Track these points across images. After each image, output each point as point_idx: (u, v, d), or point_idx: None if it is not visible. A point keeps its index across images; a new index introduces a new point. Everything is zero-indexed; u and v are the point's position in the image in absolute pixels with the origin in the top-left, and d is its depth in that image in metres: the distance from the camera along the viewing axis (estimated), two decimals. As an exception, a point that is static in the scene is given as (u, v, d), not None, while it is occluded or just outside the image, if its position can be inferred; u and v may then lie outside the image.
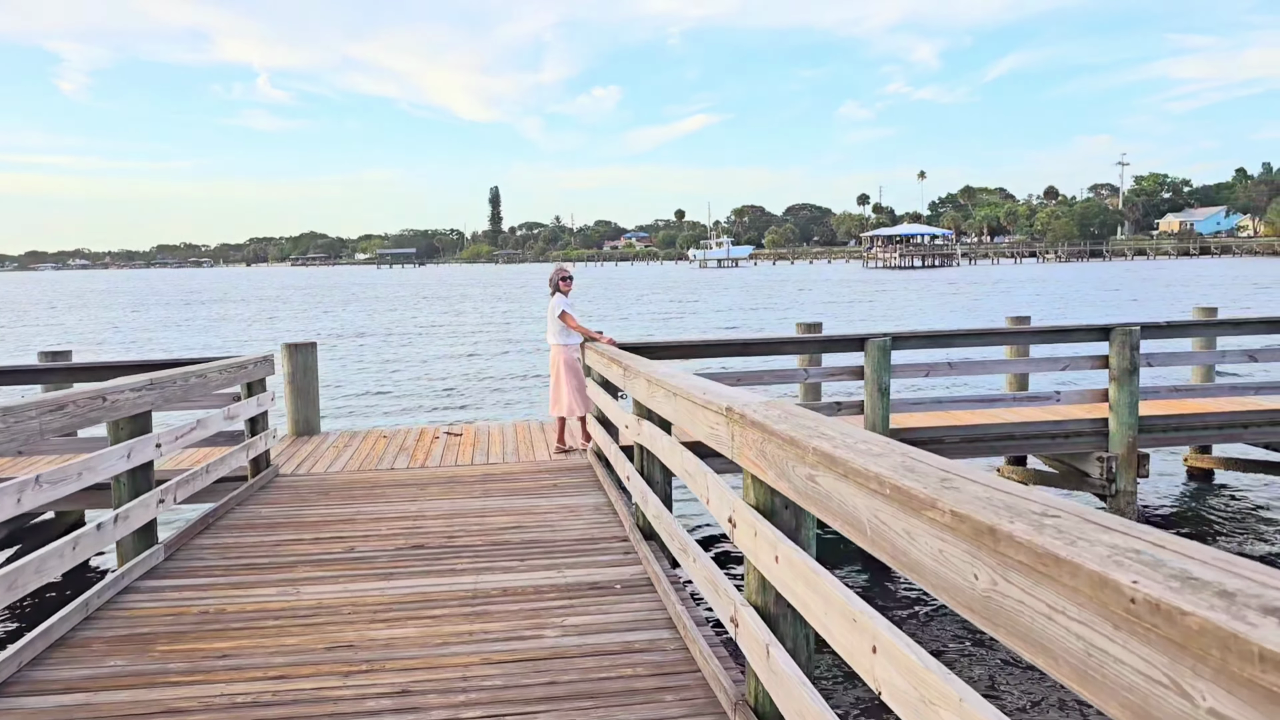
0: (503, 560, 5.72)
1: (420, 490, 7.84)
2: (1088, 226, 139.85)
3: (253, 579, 5.45)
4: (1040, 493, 1.68)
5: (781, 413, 3.00)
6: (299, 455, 9.56)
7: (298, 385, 10.65)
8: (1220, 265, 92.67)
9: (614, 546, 5.96)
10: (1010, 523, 1.50)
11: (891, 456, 2.12)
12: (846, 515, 2.19)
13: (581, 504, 7.20)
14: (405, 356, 28.51)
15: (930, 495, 1.73)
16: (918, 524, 1.78)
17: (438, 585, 5.23)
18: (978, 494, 1.70)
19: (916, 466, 1.99)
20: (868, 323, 36.52)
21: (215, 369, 7.08)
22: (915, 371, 9.55)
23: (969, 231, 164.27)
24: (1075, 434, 9.72)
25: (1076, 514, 1.51)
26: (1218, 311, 11.66)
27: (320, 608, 4.89)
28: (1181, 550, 1.28)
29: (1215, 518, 10.24)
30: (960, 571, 1.62)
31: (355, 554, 5.93)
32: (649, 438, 5.51)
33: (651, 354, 9.16)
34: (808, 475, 2.47)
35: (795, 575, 2.62)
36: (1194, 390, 10.31)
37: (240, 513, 7.19)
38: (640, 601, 4.88)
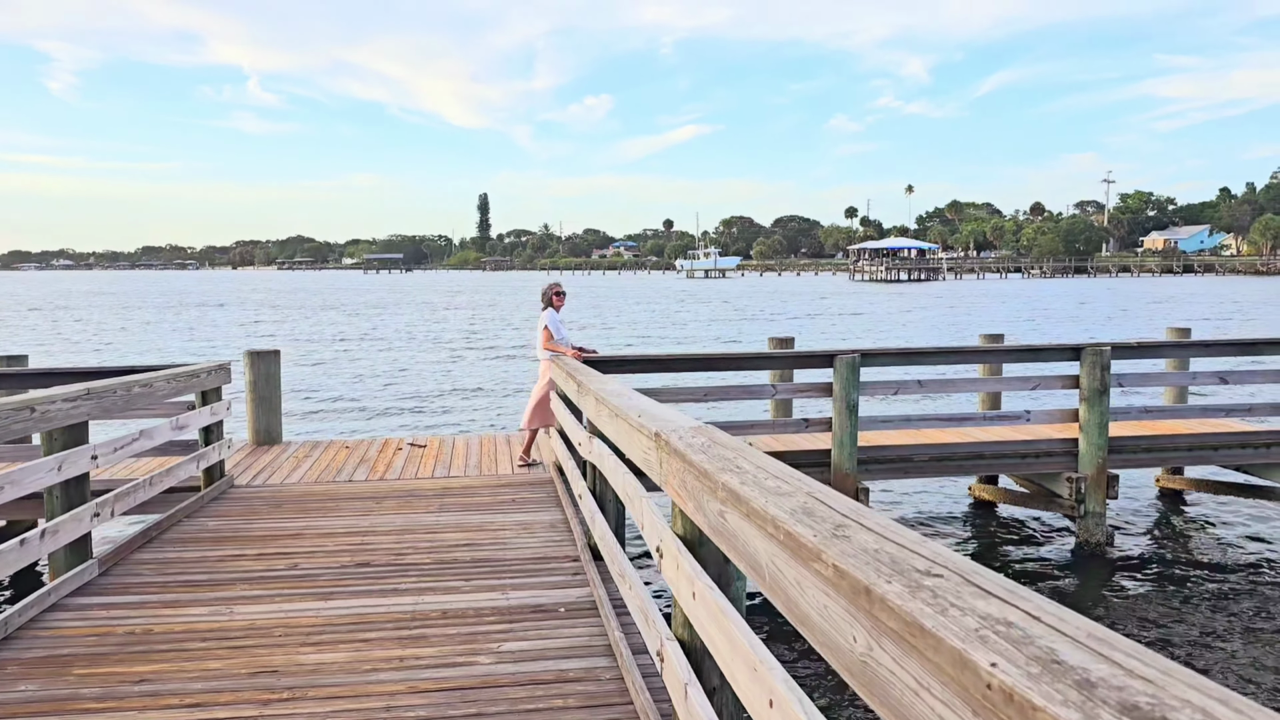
0: (448, 580, 5.57)
1: (376, 504, 7.68)
2: (1073, 243, 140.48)
3: (187, 597, 5.29)
4: (936, 546, 1.56)
5: (706, 441, 2.87)
6: (257, 465, 9.38)
7: (260, 394, 10.47)
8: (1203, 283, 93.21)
9: (564, 567, 5.82)
10: (887, 582, 1.37)
11: (795, 497, 1.99)
12: (749, 558, 2.06)
13: (537, 521, 7.05)
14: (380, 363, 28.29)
15: (817, 545, 1.60)
16: (806, 575, 1.65)
17: (376, 606, 5.07)
18: (866, 545, 1.57)
19: (816, 510, 1.86)
20: (849, 337, 36.49)
21: (163, 378, 6.91)
22: (884, 389, 9.44)
23: (955, 246, 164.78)
24: (1045, 454, 9.63)
25: (961, 574, 1.39)
26: (1191, 332, 11.60)
27: (251, 629, 4.73)
28: (1057, 624, 1.16)
29: (1182, 541, 10.15)
30: (841, 631, 1.49)
31: (297, 571, 5.77)
32: (598, 456, 5.37)
33: (613, 368, 9.03)
34: (719, 511, 2.34)
35: (708, 615, 2.49)
36: (1164, 411, 10.24)
37: (187, 526, 7.02)
38: (583, 627, 4.74)
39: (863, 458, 9.16)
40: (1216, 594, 8.51)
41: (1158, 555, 9.68)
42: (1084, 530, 9.49)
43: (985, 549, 10.06)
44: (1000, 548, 10.08)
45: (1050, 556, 9.67)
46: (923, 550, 1.52)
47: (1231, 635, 7.57)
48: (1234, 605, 8.24)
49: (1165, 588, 8.71)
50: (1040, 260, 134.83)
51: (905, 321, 44.94)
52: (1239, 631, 7.65)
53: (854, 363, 8.99)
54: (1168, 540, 10.20)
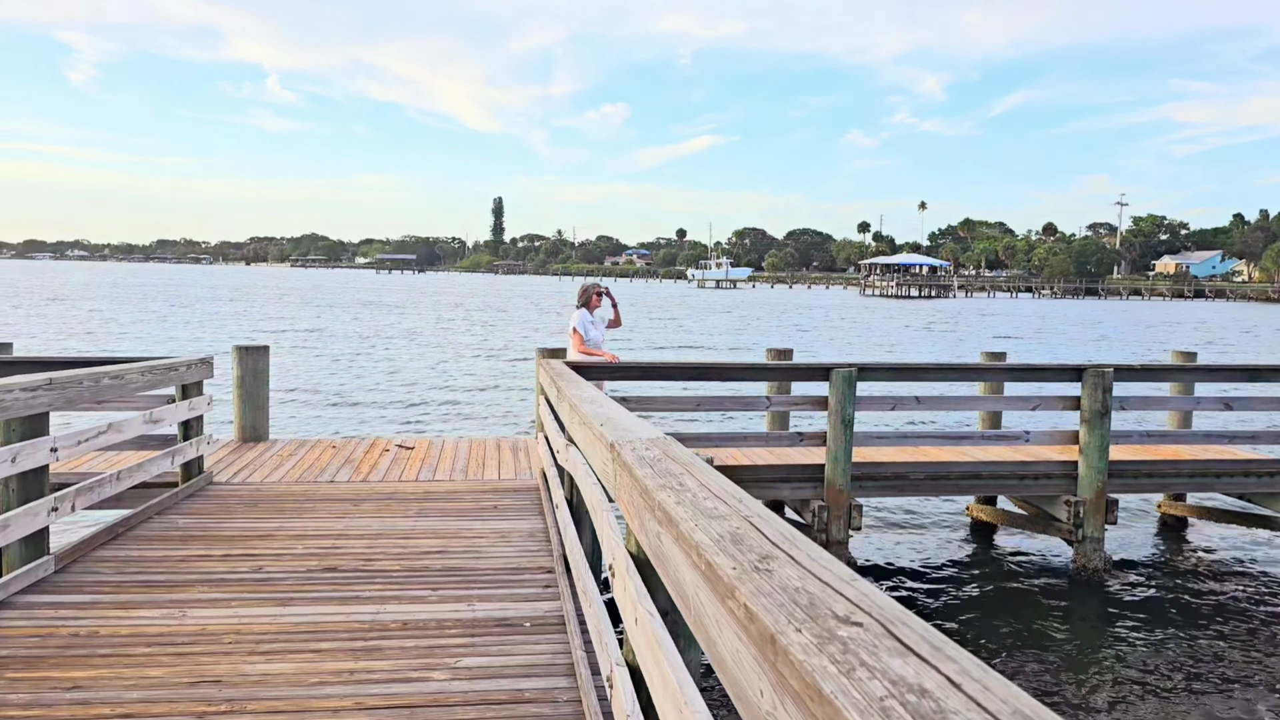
0: (415, 588, 5.38)
1: (353, 506, 7.49)
2: (1084, 264, 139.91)
3: (141, 598, 5.10)
4: (865, 586, 1.36)
5: (659, 454, 2.68)
6: (240, 463, 9.21)
7: (247, 389, 10.31)
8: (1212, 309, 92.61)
9: (536, 579, 5.62)
10: (796, 631, 1.18)
11: (729, 521, 1.80)
12: (678, 586, 1.87)
13: (517, 529, 6.86)
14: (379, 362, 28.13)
15: (732, 581, 1.40)
16: (723, 613, 1.46)
17: (335, 615, 4.88)
18: (788, 582, 1.38)
19: (746, 537, 1.67)
20: (856, 350, 36.24)
21: (135, 370, 6.74)
22: (881, 405, 9.23)
23: (967, 264, 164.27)
24: (1044, 476, 9.41)
25: (884, 622, 1.19)
26: (1196, 356, 11.36)
27: (201, 635, 4.54)
28: (979, 694, 0.96)
29: (1180, 570, 9.91)
30: (751, 683, 1.30)
31: (260, 575, 5.58)
32: (573, 465, 5.18)
33: (602, 374, 8.84)
34: (656, 532, 2.15)
35: (646, 644, 2.29)
36: (1167, 436, 10.01)
37: (157, 523, 6.84)
38: (547, 643, 4.54)
39: (857, 474, 8.95)
40: (1213, 626, 8.26)
41: (1155, 584, 9.43)
42: (1081, 555, 9.26)
43: (979, 572, 9.83)
44: (994, 571, 9.85)
45: (1045, 582, 9.43)
46: (848, 591, 1.33)
47: (1227, 670, 7.33)
48: (1231, 639, 7.99)
49: (1160, 618, 8.46)
50: (1051, 280, 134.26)
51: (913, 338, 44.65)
52: (1234, 666, 7.41)
53: (851, 377, 8.79)
54: (1166, 569, 9.95)
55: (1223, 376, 10.26)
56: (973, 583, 9.48)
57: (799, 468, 9.06)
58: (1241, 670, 7.34)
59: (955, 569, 9.82)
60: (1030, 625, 8.22)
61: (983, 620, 8.40)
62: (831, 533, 8.81)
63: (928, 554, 10.22)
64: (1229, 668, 7.38)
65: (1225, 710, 6.63)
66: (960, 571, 9.76)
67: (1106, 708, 6.65)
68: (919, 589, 9.20)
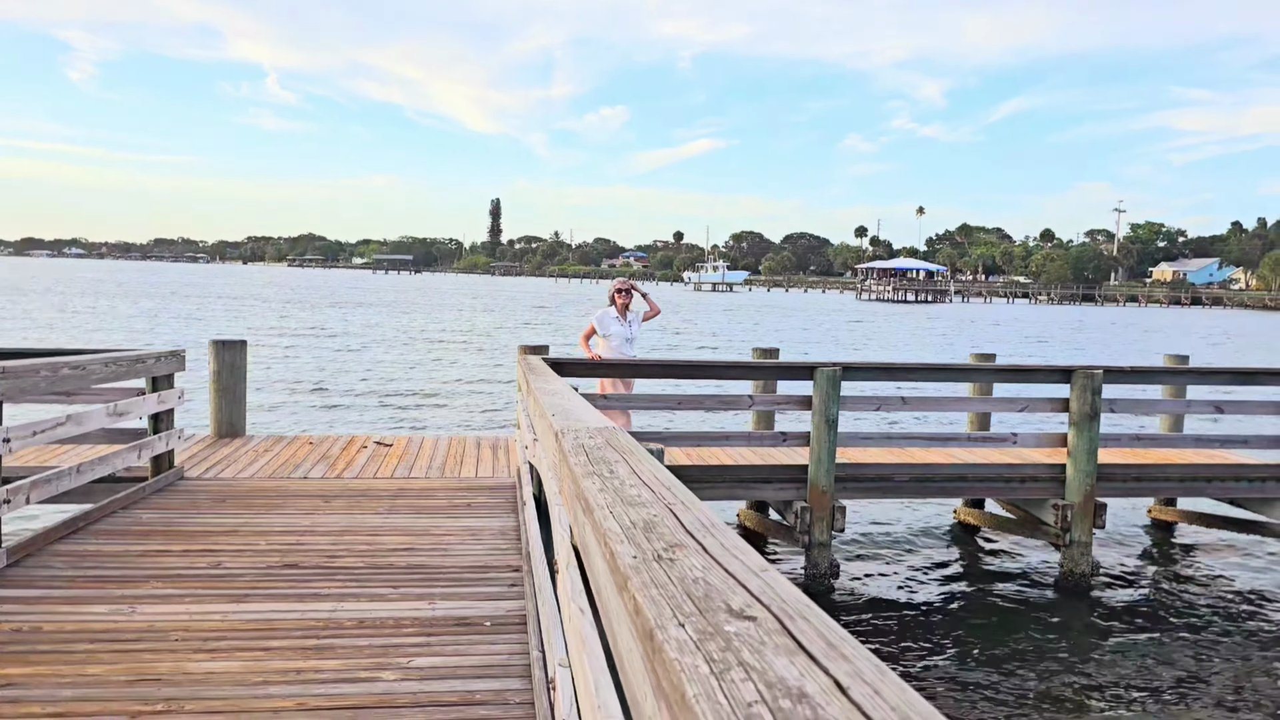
0: (376, 586, 5.22)
1: (324, 503, 7.33)
2: (1082, 270, 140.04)
3: (92, 593, 4.94)
4: (773, 577, 1.21)
5: (601, 442, 2.52)
6: (213, 458, 9.04)
7: (223, 384, 10.14)
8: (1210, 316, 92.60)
9: (502, 577, 5.46)
10: (679, 626, 1.02)
11: (649, 509, 1.65)
12: (596, 580, 1.71)
13: (488, 527, 6.70)
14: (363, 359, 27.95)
15: (627, 571, 1.25)
16: (620, 608, 1.30)
17: (290, 612, 4.72)
18: (688, 572, 1.22)
19: (660, 525, 1.51)
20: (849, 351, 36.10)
21: (98, 361, 6.57)
22: (866, 405, 9.09)
23: (964, 269, 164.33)
24: (1031, 479, 9.26)
25: (781, 616, 1.04)
26: (1189, 359, 11.22)
27: (148, 631, 4.38)
28: (865, 700, 0.81)
29: (1169, 575, 9.77)
30: (640, 686, 1.14)
31: (218, 571, 5.42)
32: (538, 458, 5.03)
33: (579, 371, 8.70)
34: (582, 522, 1.99)
35: (575, 642, 2.14)
36: (1157, 439, 9.86)
37: (121, 517, 6.67)
38: (505, 643, 4.38)
39: (841, 475, 8.79)
40: (1200, 633, 8.12)
41: (1142, 589, 9.29)
42: (1069, 560, 9.10)
43: (965, 576, 9.68)
44: (980, 576, 9.70)
45: (1032, 587, 9.28)
46: (752, 583, 1.17)
47: (1212, 677, 7.18)
48: (1217, 645, 7.85)
49: (1146, 624, 8.32)
50: (1048, 286, 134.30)
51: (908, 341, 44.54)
52: (1220, 673, 7.26)
53: (835, 376, 8.63)
54: (1154, 574, 9.81)
55: (1214, 379, 10.12)
56: (958, 587, 9.33)
57: (782, 468, 8.90)
58: (1228, 679, 7.19)
59: (941, 573, 9.67)
60: (1015, 631, 8.07)
61: (967, 626, 8.25)
62: (814, 534, 8.65)
63: (914, 557, 10.07)
64: (1216, 676, 7.24)
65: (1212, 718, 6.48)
66: (946, 575, 9.61)
67: (1091, 716, 6.50)
68: (903, 593, 9.05)
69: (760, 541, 10.28)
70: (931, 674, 7.14)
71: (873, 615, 8.42)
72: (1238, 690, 6.96)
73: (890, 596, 8.93)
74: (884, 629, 8.10)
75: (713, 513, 1.61)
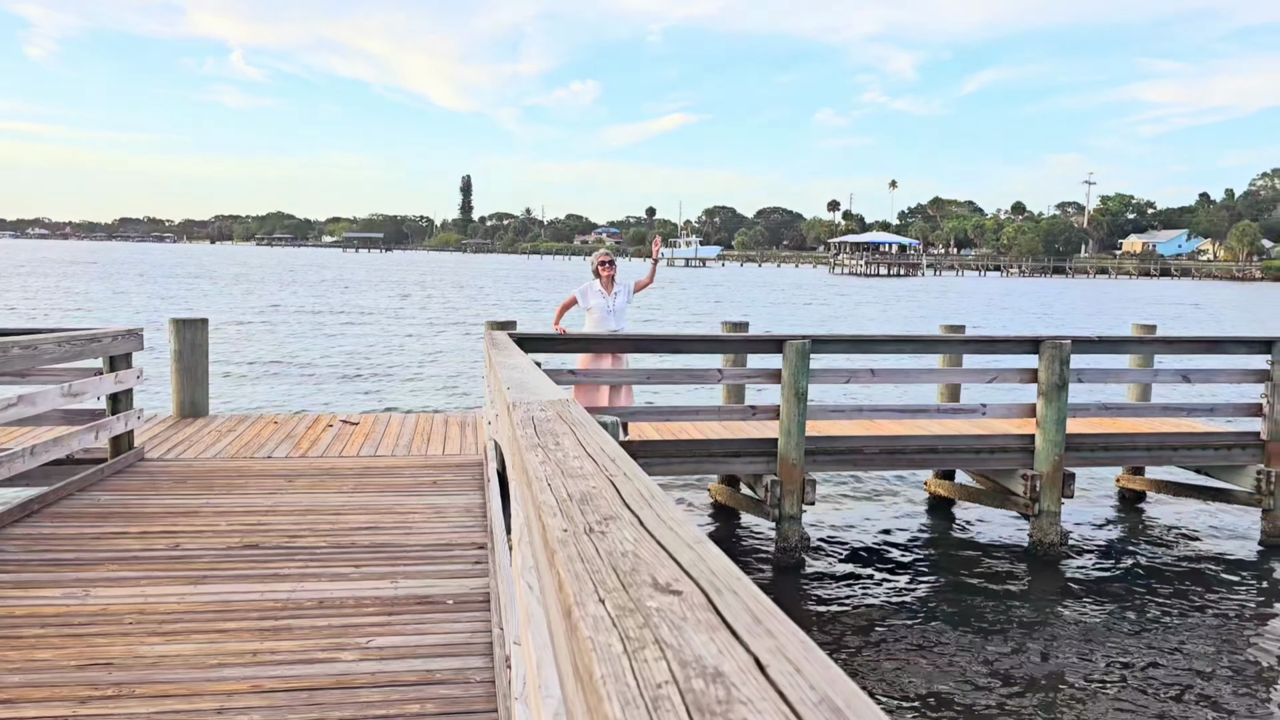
0: (337, 566, 5.13)
1: (287, 483, 7.22)
2: (1053, 243, 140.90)
3: (46, 577, 4.83)
4: (707, 549, 1.14)
5: (552, 415, 2.45)
6: (175, 439, 8.89)
7: (185, 364, 9.97)
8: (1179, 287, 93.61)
9: (466, 555, 5.40)
10: (598, 602, 0.96)
11: (589, 481, 1.58)
12: (535, 554, 1.65)
13: (453, 504, 6.62)
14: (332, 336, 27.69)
15: (555, 544, 1.18)
16: (549, 583, 1.24)
17: (248, 593, 4.63)
18: (617, 545, 1.16)
19: (598, 497, 1.45)
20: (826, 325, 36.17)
21: (50, 340, 6.42)
22: (836, 378, 9.06)
23: (936, 242, 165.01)
24: (1000, 450, 9.28)
25: (708, 590, 0.97)
26: (1156, 329, 11.28)
27: (101, 615, 4.28)
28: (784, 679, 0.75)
29: (1136, 543, 9.85)
30: (564, 662, 1.08)
31: (177, 552, 5.32)
32: (500, 434, 4.95)
33: (543, 346, 8.62)
34: (526, 496, 1.92)
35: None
36: (1125, 409, 9.92)
37: (79, 499, 6.54)
38: (468, 621, 4.32)
39: (811, 448, 8.77)
40: (1167, 601, 8.19)
41: (1111, 558, 9.36)
42: (1038, 530, 9.15)
43: (937, 547, 9.72)
44: (950, 546, 9.74)
45: (1002, 556, 9.33)
46: (683, 556, 1.11)
47: (1177, 643, 7.25)
48: (1184, 613, 7.92)
49: (1114, 592, 8.38)
50: (1020, 259, 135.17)
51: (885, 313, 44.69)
52: (1185, 639, 7.33)
53: (804, 349, 8.59)
54: (1122, 543, 9.89)
55: (1181, 348, 10.17)
56: (929, 558, 9.37)
57: (752, 441, 8.88)
58: (1195, 645, 7.26)
59: (912, 543, 9.70)
60: (986, 601, 8.10)
61: (937, 596, 8.28)
62: (785, 507, 8.64)
63: (885, 529, 10.09)
64: (1182, 641, 7.30)
65: (1178, 685, 6.54)
66: (917, 546, 9.65)
67: (1058, 684, 6.54)
68: (874, 566, 9.07)
69: (732, 515, 10.28)
70: (901, 645, 7.16)
71: (843, 587, 8.43)
72: (1204, 655, 7.02)
73: (861, 568, 8.94)
74: (854, 601, 8.11)
75: (655, 485, 1.54)
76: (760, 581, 8.50)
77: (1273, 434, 9.44)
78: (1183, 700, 6.30)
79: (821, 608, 7.92)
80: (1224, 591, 8.43)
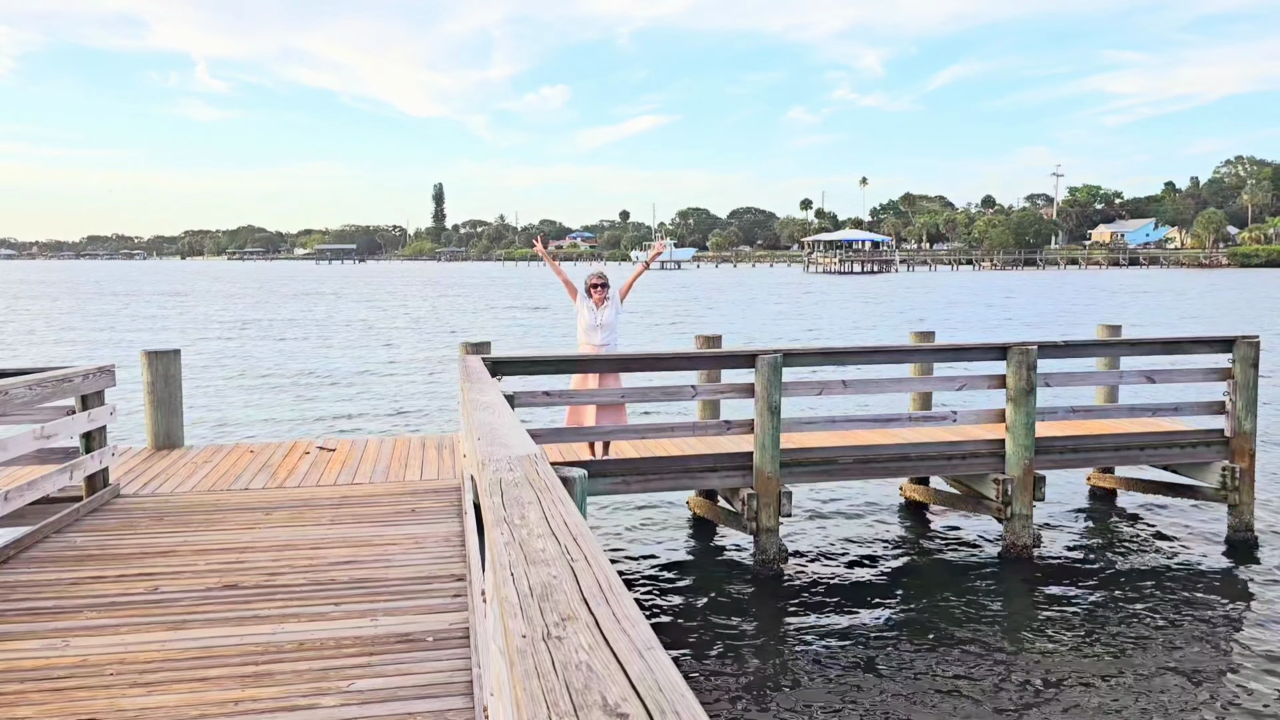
0: (317, 604, 5.17)
1: (265, 515, 7.24)
2: (1023, 235, 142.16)
3: (23, 628, 4.84)
4: (657, 660, 1.21)
5: (520, 476, 2.52)
6: (151, 472, 8.88)
7: (158, 395, 9.95)
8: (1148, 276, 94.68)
9: (446, 588, 5.45)
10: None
11: (550, 568, 1.65)
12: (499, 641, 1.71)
13: (433, 533, 6.67)
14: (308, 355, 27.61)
15: (513, 654, 1.25)
16: (509, 689, 1.30)
17: (229, 637, 4.66)
18: (572, 655, 1.23)
19: (557, 591, 1.51)
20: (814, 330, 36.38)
21: (21, 384, 6.41)
22: (808, 390, 9.16)
23: (909, 238, 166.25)
24: (972, 455, 9.43)
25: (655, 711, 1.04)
26: (1121, 330, 11.47)
27: (81, 666, 4.31)
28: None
29: (1108, 542, 10.01)
30: None
31: (155, 596, 5.34)
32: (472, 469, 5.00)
33: (516, 369, 8.67)
34: (488, 577, 1.98)
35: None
36: (1092, 411, 10.09)
37: (53, 542, 6.54)
38: (449, 659, 4.37)
39: (786, 460, 8.88)
40: (1137, 598, 8.34)
41: (1083, 558, 9.52)
42: (1011, 533, 9.30)
43: (912, 552, 9.85)
44: (926, 551, 9.87)
45: (976, 560, 9.47)
46: (633, 668, 1.18)
47: (1150, 639, 7.39)
48: (1155, 609, 8.07)
49: (1086, 592, 8.53)
50: (991, 253, 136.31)
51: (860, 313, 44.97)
52: (1158, 635, 7.48)
53: (776, 363, 8.70)
54: (1094, 542, 10.05)
55: (1145, 350, 10.35)
56: (905, 563, 9.49)
57: (727, 456, 8.97)
58: (1168, 641, 7.41)
59: (888, 550, 9.82)
60: (960, 605, 8.23)
61: (914, 603, 8.39)
62: (761, 520, 8.74)
63: (861, 536, 10.21)
64: (1155, 638, 7.44)
65: (1153, 682, 6.67)
66: (893, 552, 9.77)
67: (1035, 688, 6.65)
68: (852, 574, 9.17)
69: (710, 528, 10.37)
70: (879, 654, 7.26)
71: (821, 597, 8.53)
72: (1178, 651, 7.16)
73: (839, 578, 9.05)
74: (833, 610, 8.21)
75: (613, 573, 1.61)
76: (739, 594, 8.60)
77: (1235, 430, 9.64)
78: (1158, 697, 6.43)
79: (801, 619, 8.01)
80: (1194, 587, 8.59)
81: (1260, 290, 64.89)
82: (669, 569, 9.28)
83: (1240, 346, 9.54)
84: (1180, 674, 6.82)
